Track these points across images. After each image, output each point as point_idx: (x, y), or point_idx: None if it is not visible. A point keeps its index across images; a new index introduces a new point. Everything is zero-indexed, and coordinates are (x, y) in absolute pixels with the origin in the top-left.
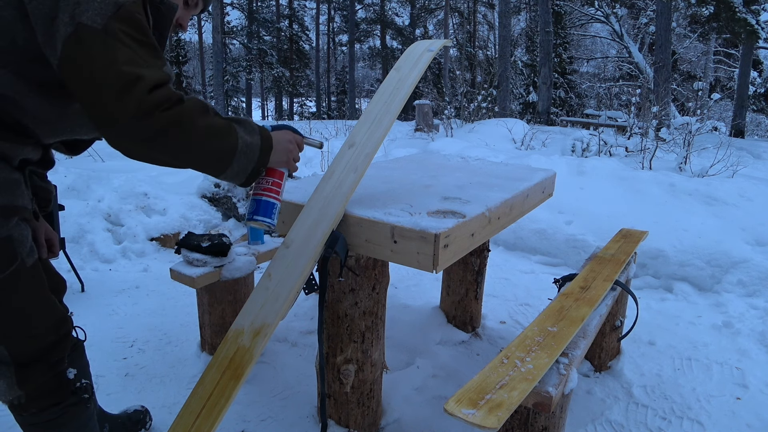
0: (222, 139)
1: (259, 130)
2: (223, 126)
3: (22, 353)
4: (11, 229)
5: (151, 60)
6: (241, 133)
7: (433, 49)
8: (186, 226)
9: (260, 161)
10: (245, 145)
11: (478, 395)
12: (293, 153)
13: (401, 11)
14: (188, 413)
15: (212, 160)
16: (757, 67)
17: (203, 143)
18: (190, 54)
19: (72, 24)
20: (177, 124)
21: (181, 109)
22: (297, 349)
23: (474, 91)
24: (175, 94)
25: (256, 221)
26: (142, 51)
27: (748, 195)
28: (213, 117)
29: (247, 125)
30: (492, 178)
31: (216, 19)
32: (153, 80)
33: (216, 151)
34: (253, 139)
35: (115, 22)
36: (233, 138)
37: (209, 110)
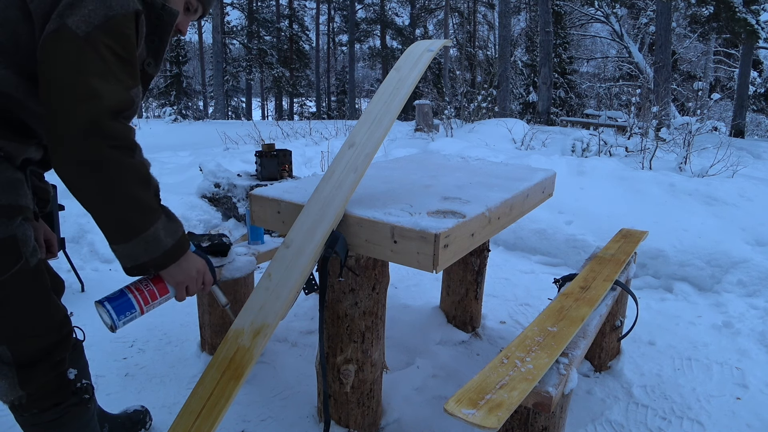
0: (138, 215)
1: (178, 239)
2: (149, 207)
3: (24, 353)
4: (15, 229)
5: (122, 77)
6: (160, 226)
7: (433, 49)
8: (186, 226)
9: (156, 261)
10: (154, 237)
11: (478, 395)
12: (191, 282)
13: (401, 11)
14: (188, 413)
15: (116, 226)
16: (757, 67)
17: (119, 206)
18: (190, 54)
19: (57, 22)
20: (114, 171)
21: (125, 161)
22: (297, 349)
23: (474, 91)
24: (132, 142)
25: (103, 307)
26: (118, 66)
27: (748, 195)
28: (147, 192)
29: (172, 225)
30: (492, 178)
31: (216, 19)
32: (112, 101)
33: (125, 220)
34: (166, 240)
35: (99, 33)
36: (149, 222)
37: (150, 185)
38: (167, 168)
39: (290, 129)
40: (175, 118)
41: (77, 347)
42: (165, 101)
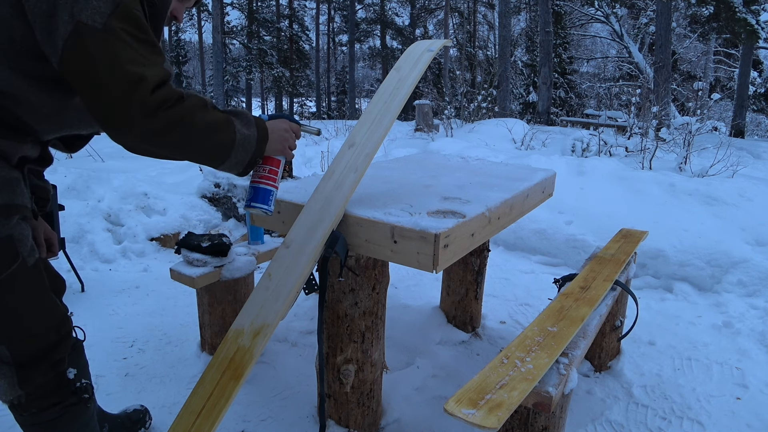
0: (221, 133)
1: (255, 122)
2: (222, 120)
3: (23, 353)
4: (12, 228)
5: (152, 57)
6: (239, 126)
7: (433, 49)
8: (186, 226)
9: (257, 152)
10: (243, 138)
11: (478, 395)
12: (289, 141)
13: (401, 11)
14: (188, 413)
15: (212, 154)
16: (757, 67)
17: (203, 139)
18: (190, 54)
19: (71, 22)
20: (178, 122)
21: (182, 108)
22: (297, 349)
23: (474, 91)
24: (176, 93)
25: (254, 207)
26: (143, 49)
27: (748, 195)
28: (212, 112)
29: (243, 117)
30: (492, 178)
31: (216, 19)
32: (155, 80)
33: (215, 145)
34: (250, 132)
35: (114, 21)
36: (231, 132)
37: (208, 105)
38: (167, 168)
39: None
40: None
41: (77, 347)
42: None
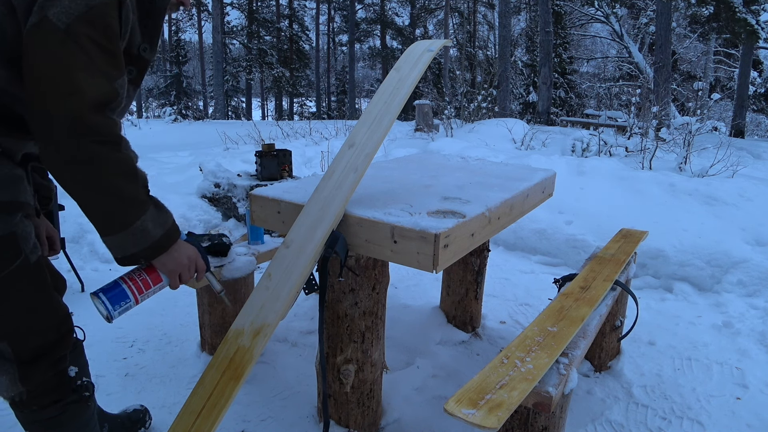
0: (126, 207)
1: (168, 228)
2: (137, 198)
3: (24, 350)
4: (15, 226)
5: (106, 68)
6: (148, 217)
7: (433, 49)
8: (186, 226)
9: (146, 252)
10: (142, 229)
11: (478, 395)
12: (184, 270)
13: (401, 11)
14: (188, 413)
15: (106, 218)
16: (757, 67)
17: (107, 199)
18: (190, 54)
19: (38, 15)
20: (99, 164)
21: (111, 155)
22: (297, 349)
23: (474, 91)
24: (116, 135)
25: (99, 298)
26: (101, 58)
27: (748, 195)
28: (134, 185)
29: (161, 216)
30: (492, 178)
31: (216, 19)
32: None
33: (113, 213)
34: (155, 231)
35: (80, 25)
36: (136, 214)
37: (138, 178)
38: (167, 168)
39: (290, 129)
40: (175, 118)
41: (77, 346)
42: (165, 101)
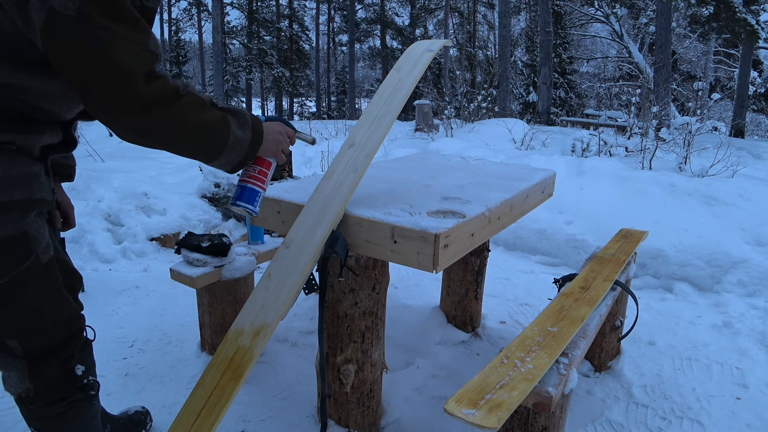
0: (214, 133)
1: (251, 123)
2: (217, 120)
3: (34, 348)
4: (27, 225)
5: (134, 37)
6: (234, 128)
7: (433, 49)
8: (186, 226)
9: (248, 154)
10: (236, 140)
11: (478, 395)
12: (282, 145)
13: (401, 11)
14: (188, 413)
15: (203, 152)
16: (757, 67)
17: (196, 138)
18: (190, 54)
19: (44, 9)
20: (173, 120)
21: (178, 106)
22: (297, 349)
23: (474, 91)
24: (172, 88)
25: (239, 206)
26: (123, 29)
27: (748, 195)
28: (208, 111)
29: (240, 117)
30: (492, 178)
31: (216, 19)
32: (144, 68)
33: (207, 144)
34: (244, 134)
35: (87, 5)
36: (225, 133)
37: (205, 104)
38: (167, 168)
39: None
40: None
41: (86, 346)
42: None
